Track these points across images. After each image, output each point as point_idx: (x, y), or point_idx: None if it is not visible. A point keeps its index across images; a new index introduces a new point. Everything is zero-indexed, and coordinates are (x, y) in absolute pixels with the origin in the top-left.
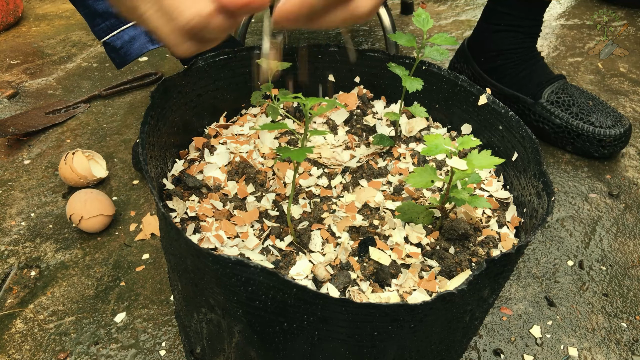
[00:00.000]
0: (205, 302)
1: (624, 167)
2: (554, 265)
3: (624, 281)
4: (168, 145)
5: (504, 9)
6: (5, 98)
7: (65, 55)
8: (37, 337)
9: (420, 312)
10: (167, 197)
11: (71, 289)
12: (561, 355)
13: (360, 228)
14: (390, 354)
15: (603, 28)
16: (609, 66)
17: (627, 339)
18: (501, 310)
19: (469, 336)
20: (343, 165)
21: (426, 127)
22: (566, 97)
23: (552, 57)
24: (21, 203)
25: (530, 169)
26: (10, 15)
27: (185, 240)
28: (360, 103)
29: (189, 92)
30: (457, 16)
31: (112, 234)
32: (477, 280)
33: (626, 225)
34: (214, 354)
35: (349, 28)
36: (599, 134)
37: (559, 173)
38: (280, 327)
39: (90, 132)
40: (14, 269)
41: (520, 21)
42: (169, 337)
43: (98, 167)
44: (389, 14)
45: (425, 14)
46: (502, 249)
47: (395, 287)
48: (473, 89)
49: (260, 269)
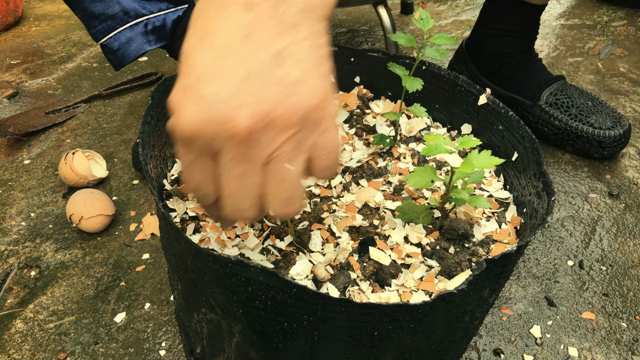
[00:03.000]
0: (205, 302)
1: (624, 167)
2: (554, 265)
3: (624, 281)
4: (168, 145)
5: (499, 13)
6: (5, 98)
7: (65, 55)
8: (37, 337)
9: (420, 312)
10: (167, 197)
11: (71, 289)
12: (561, 355)
13: (360, 228)
14: (390, 354)
15: (603, 28)
16: (609, 66)
17: (627, 339)
18: (501, 310)
19: (469, 336)
20: (343, 165)
21: (426, 127)
22: (565, 98)
23: (552, 57)
24: (21, 203)
25: (530, 168)
26: (10, 15)
27: (185, 240)
28: (360, 103)
29: None
30: (457, 16)
31: (112, 234)
32: (477, 280)
33: (626, 225)
34: (214, 354)
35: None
36: (598, 135)
37: (559, 173)
38: (280, 327)
39: (90, 132)
40: (14, 269)
41: (515, 25)
42: (169, 337)
43: (98, 167)
44: (389, 14)
45: (425, 14)
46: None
47: (395, 287)
48: (473, 89)
49: (260, 269)
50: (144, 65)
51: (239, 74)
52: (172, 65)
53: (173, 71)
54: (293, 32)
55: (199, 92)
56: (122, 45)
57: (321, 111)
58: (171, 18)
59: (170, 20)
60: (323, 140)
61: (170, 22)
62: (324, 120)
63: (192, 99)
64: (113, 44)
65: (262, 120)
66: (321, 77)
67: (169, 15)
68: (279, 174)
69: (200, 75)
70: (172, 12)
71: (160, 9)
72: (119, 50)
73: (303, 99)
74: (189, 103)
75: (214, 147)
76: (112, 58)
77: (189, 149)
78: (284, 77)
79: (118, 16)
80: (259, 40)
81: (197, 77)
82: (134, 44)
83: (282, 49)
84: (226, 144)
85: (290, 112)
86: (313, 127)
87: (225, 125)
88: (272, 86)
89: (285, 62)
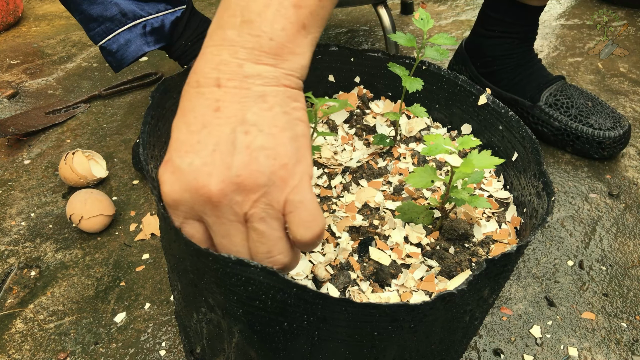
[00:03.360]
0: (205, 302)
1: (624, 167)
2: (554, 265)
3: (624, 281)
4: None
5: (497, 15)
6: (5, 98)
7: (65, 55)
8: (37, 337)
9: (420, 312)
10: None
11: (71, 289)
12: (561, 355)
13: (360, 228)
14: (390, 354)
15: (603, 28)
16: (609, 66)
17: (627, 339)
18: (501, 310)
19: (469, 336)
20: (343, 165)
21: (426, 127)
22: (565, 99)
23: (552, 57)
24: (21, 203)
25: (530, 169)
26: (10, 15)
27: (184, 241)
28: (360, 103)
29: None
30: (457, 16)
31: (112, 234)
32: (477, 280)
33: (626, 225)
34: (214, 354)
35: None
36: (598, 136)
37: (559, 173)
38: (280, 326)
39: (90, 132)
40: (14, 269)
41: (513, 27)
42: (169, 337)
43: (98, 167)
44: (389, 14)
45: (425, 14)
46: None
47: (395, 287)
48: (473, 89)
49: (261, 269)
50: (144, 65)
51: (209, 145)
52: (172, 65)
53: (173, 71)
54: (260, 101)
55: (176, 164)
56: (121, 47)
57: (287, 171)
58: (169, 19)
59: (168, 21)
60: (294, 197)
61: (168, 23)
62: (290, 178)
63: (171, 170)
64: (112, 46)
65: (232, 184)
66: (288, 140)
67: (167, 16)
68: (258, 230)
69: (177, 148)
70: (170, 13)
71: (159, 10)
72: (117, 52)
73: (266, 162)
74: (169, 174)
75: (197, 211)
76: (111, 60)
77: (177, 213)
78: (249, 144)
79: (116, 18)
80: (228, 113)
81: (175, 150)
82: (133, 46)
83: (248, 118)
84: (205, 208)
85: (255, 175)
86: (281, 186)
87: (200, 191)
88: (238, 154)
89: (251, 130)
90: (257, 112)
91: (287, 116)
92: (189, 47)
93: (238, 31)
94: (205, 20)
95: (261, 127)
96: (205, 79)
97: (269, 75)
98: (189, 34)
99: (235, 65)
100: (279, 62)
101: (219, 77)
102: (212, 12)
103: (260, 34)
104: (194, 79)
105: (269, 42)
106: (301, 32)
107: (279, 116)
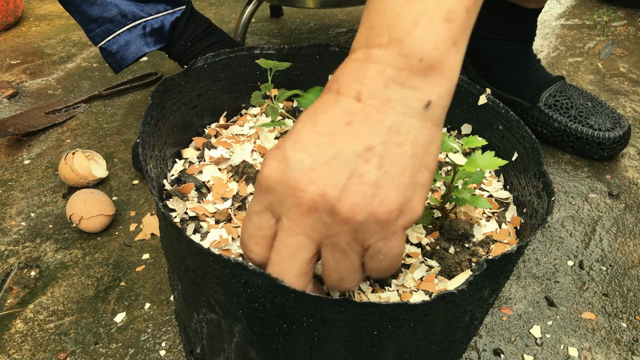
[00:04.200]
0: (205, 301)
1: (624, 167)
2: (554, 265)
3: (624, 281)
4: (168, 145)
5: (494, 17)
6: (5, 98)
7: (65, 55)
8: (37, 337)
9: (420, 312)
10: (167, 197)
11: (71, 289)
12: (561, 355)
13: None
14: (390, 354)
15: (603, 28)
16: (609, 66)
17: (627, 339)
18: (501, 310)
19: (469, 336)
20: None
21: None
22: (564, 99)
23: (552, 57)
24: (21, 203)
25: (530, 169)
26: (10, 15)
27: (186, 240)
28: None
29: (189, 92)
30: None
31: (112, 234)
32: (477, 280)
33: (626, 225)
34: (214, 354)
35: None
36: (598, 136)
37: (559, 173)
38: (280, 328)
39: (90, 132)
40: (14, 269)
41: (511, 30)
42: (169, 337)
43: (98, 167)
44: None
45: None
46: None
47: (395, 287)
48: (473, 89)
49: (260, 273)
50: (144, 65)
51: (325, 154)
52: (172, 65)
53: (173, 71)
54: (393, 132)
55: (286, 155)
56: (120, 48)
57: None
58: (169, 20)
59: (168, 22)
60: (381, 247)
61: (168, 24)
62: (386, 228)
63: (279, 157)
64: (112, 47)
65: (327, 203)
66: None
67: (166, 17)
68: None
69: (295, 140)
70: (169, 13)
71: (158, 11)
72: (117, 53)
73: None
74: (275, 162)
75: (281, 209)
76: (112, 61)
77: (261, 200)
78: (363, 173)
79: (116, 19)
80: (357, 131)
81: (292, 141)
82: (133, 47)
83: (375, 146)
84: (290, 209)
85: (354, 209)
86: (374, 230)
87: (295, 192)
88: (349, 179)
89: (372, 160)
90: (385, 143)
91: (414, 160)
92: (188, 47)
93: (385, 51)
94: (205, 20)
95: (383, 162)
96: (346, 89)
97: (411, 104)
98: (189, 34)
99: (381, 85)
100: (426, 86)
101: (361, 90)
102: (212, 12)
103: (411, 54)
104: (334, 86)
105: (418, 64)
106: (452, 50)
107: (406, 157)
